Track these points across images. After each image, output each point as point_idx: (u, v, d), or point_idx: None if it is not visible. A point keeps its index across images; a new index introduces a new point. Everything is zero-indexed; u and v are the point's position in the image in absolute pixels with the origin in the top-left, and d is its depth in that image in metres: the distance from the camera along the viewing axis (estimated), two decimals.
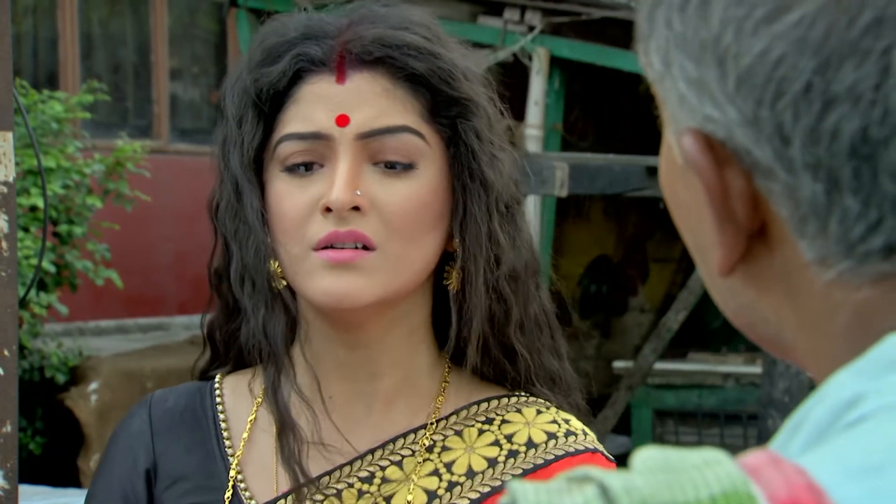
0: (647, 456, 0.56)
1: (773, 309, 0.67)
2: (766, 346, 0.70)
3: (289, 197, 1.28)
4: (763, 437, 6.03)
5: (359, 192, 1.26)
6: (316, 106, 1.29)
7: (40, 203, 6.00)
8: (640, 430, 7.61)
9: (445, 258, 1.34)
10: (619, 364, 7.89)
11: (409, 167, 1.28)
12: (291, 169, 1.29)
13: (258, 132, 1.30)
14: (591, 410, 1.42)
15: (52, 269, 6.33)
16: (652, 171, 6.08)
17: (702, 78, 0.64)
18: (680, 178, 0.68)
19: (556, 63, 7.08)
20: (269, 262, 1.30)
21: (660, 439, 7.55)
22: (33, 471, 6.38)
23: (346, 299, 1.26)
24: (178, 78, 10.30)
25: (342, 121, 1.28)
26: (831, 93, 0.60)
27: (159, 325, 9.29)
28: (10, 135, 1.77)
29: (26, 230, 6.05)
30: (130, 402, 7.06)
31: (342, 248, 1.26)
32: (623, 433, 7.77)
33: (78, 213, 6.54)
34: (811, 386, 6.02)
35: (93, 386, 6.63)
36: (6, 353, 1.76)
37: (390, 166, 1.28)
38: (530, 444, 1.33)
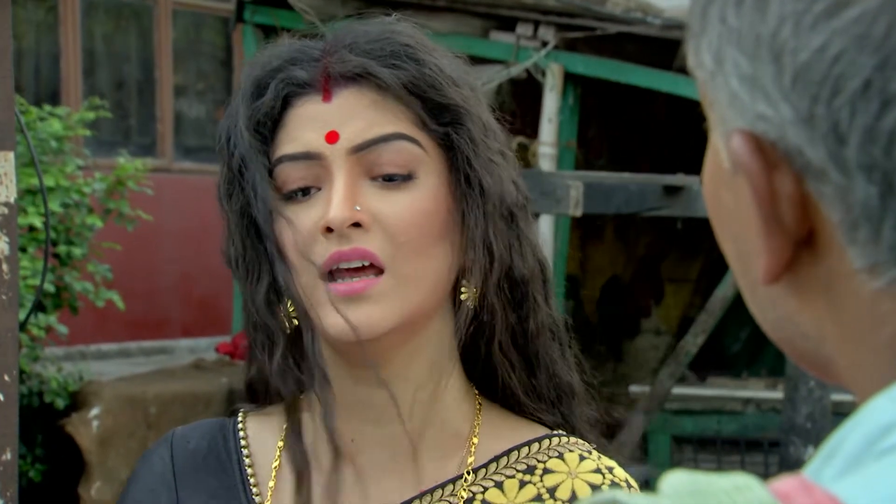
0: (675, 480, 0.55)
1: (813, 321, 0.66)
2: (803, 364, 0.69)
3: (290, 224, 1.27)
4: (785, 465, 6.00)
5: (358, 208, 1.26)
6: (305, 126, 1.29)
7: (38, 222, 6.01)
8: (657, 457, 7.58)
9: (463, 275, 1.32)
10: (635, 388, 7.87)
11: (408, 178, 1.28)
12: (289, 196, 1.29)
13: (266, 163, 1.30)
14: (604, 426, 1.41)
15: (52, 289, 6.34)
16: (669, 191, 6.08)
17: (756, 74, 0.64)
18: (725, 183, 0.67)
19: (570, 79, 7.09)
20: (280, 302, 1.29)
21: (678, 466, 7.53)
22: (33, 499, 6.38)
23: (363, 329, 1.24)
24: (183, 95, 10.33)
25: (332, 137, 1.28)
26: (890, 91, 0.60)
27: (163, 349, 9.29)
28: (11, 155, 1.77)
29: (24, 250, 6.06)
30: (133, 428, 7.07)
31: (351, 281, 1.25)
32: (640, 460, 7.75)
33: (78, 233, 6.55)
34: (835, 411, 6.00)
35: (94, 411, 6.63)
36: (6, 378, 1.76)
37: (389, 179, 1.27)
38: (573, 499, 1.31)
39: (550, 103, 7.01)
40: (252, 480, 1.36)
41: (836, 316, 0.65)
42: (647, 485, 7.01)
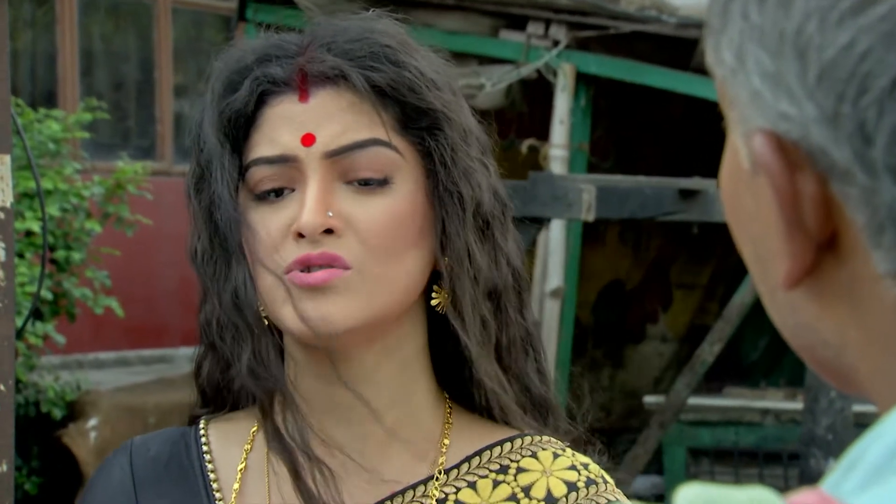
0: (689, 493, 0.55)
1: (835, 328, 0.66)
2: (823, 372, 0.69)
3: (260, 225, 1.28)
4: (805, 478, 6.00)
5: (331, 214, 1.26)
6: (280, 128, 1.29)
7: (35, 227, 6.02)
8: (673, 469, 7.58)
9: (435, 279, 1.33)
10: (650, 399, 7.87)
11: (383, 182, 1.28)
12: (262, 196, 1.29)
13: (235, 163, 1.30)
14: (588, 438, 1.41)
15: (49, 296, 6.35)
16: (685, 195, 6.06)
17: (779, 72, 0.64)
18: (745, 184, 0.67)
19: (582, 79, 7.08)
20: (253, 300, 1.29)
21: (694, 479, 7.51)
22: None
23: (323, 324, 1.24)
24: (183, 95, 10.35)
25: (307, 140, 1.28)
26: None
27: (162, 357, 9.30)
28: (7, 158, 1.77)
29: (21, 256, 6.07)
30: None
31: (316, 271, 1.25)
32: (655, 472, 7.74)
33: (76, 238, 6.57)
34: (857, 423, 5.99)
35: (92, 422, 6.64)
36: (2, 387, 1.76)
37: (364, 183, 1.28)
38: (550, 498, 1.32)
39: (562, 104, 7.01)
40: (215, 486, 1.36)
41: (858, 322, 0.65)
42: (662, 498, 7.00)
